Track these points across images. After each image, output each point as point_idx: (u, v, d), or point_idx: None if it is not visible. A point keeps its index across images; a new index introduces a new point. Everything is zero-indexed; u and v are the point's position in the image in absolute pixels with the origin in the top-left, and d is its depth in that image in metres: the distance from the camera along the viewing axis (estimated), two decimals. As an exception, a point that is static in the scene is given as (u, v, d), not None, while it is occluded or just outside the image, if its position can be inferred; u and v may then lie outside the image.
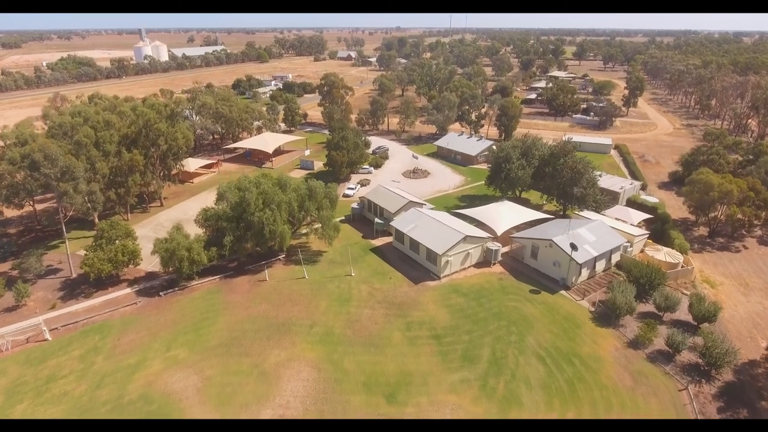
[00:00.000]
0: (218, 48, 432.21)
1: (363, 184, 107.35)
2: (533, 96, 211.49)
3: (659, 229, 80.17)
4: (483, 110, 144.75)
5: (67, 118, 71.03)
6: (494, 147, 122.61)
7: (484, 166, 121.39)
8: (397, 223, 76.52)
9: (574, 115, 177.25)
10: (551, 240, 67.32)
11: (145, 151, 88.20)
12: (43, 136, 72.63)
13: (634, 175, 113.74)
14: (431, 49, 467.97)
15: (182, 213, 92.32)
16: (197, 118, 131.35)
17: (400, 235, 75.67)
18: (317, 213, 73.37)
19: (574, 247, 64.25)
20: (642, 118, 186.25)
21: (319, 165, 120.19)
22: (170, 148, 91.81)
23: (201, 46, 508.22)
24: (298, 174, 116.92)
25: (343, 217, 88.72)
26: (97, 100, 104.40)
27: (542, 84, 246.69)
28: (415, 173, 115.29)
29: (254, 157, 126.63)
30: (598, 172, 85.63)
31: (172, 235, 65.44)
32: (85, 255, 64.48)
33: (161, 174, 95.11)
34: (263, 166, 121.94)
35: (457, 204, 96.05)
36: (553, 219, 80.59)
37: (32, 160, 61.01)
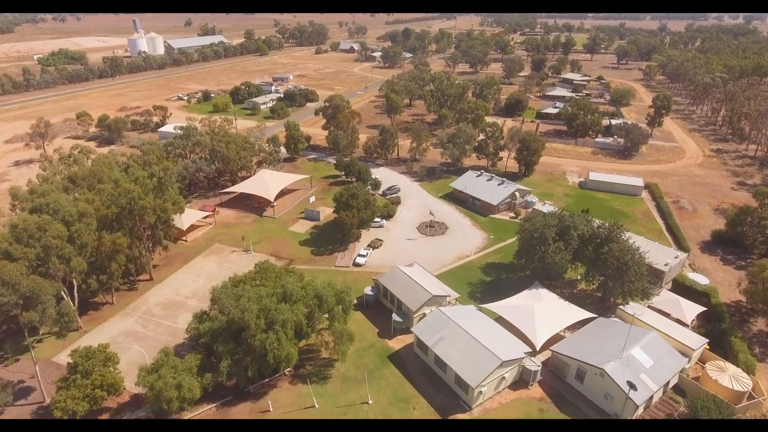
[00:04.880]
0: (216, 40, 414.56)
1: (375, 246, 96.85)
2: (550, 110, 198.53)
3: (716, 330, 70.35)
4: (502, 142, 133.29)
5: (32, 218, 60.02)
6: (518, 194, 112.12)
7: (506, 216, 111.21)
8: (419, 330, 66.44)
9: (596, 139, 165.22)
10: (602, 369, 57.50)
11: (130, 226, 77.82)
12: (6, 233, 61.87)
13: (673, 231, 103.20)
14: (437, 41, 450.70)
15: (174, 293, 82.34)
16: (191, 156, 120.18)
17: (423, 346, 65.74)
18: (329, 324, 63.47)
19: (632, 386, 54.38)
20: (667, 139, 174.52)
21: (326, 213, 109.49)
22: (159, 218, 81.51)
23: (198, 35, 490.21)
24: (302, 227, 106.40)
25: (355, 301, 78.73)
26: (75, 169, 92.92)
27: (556, 92, 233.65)
28: (431, 227, 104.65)
29: (254, 202, 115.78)
30: (647, 259, 74.91)
31: (158, 368, 55.28)
32: (57, 395, 54.54)
33: (149, 245, 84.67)
34: (263, 214, 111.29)
35: (482, 279, 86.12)
36: (596, 318, 70.53)
37: (-13, 288, 50.67)
